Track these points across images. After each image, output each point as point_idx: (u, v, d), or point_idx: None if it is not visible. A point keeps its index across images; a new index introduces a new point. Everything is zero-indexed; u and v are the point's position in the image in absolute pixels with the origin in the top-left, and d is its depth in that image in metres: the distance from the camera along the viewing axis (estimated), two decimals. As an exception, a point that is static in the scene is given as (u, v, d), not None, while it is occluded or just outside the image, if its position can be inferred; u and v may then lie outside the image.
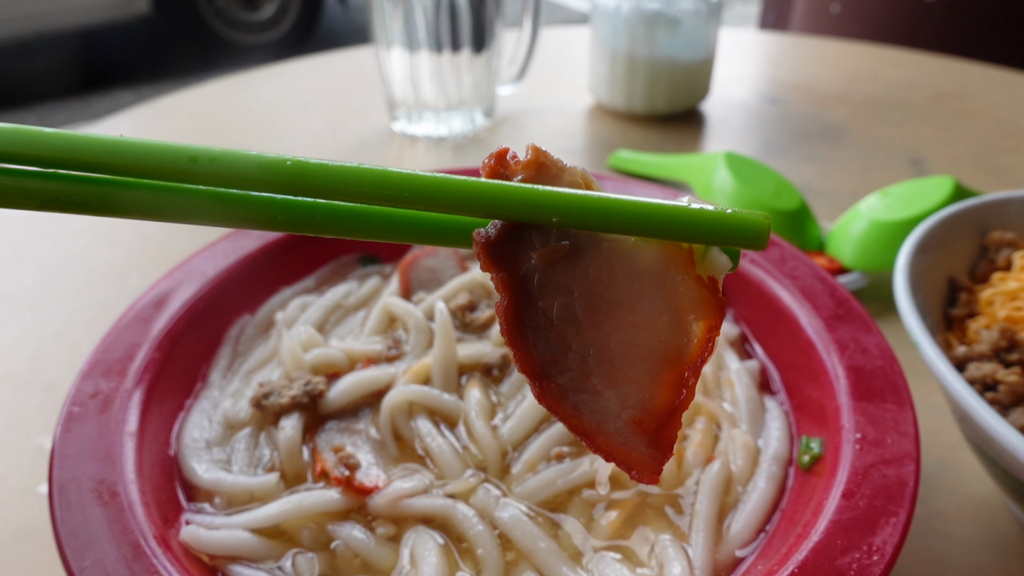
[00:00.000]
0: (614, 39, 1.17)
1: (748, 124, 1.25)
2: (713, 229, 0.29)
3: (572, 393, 0.35)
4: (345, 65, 1.54)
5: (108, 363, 0.50)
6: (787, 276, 0.59)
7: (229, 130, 1.24)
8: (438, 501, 0.46)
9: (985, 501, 0.57)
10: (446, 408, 0.52)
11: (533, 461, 0.49)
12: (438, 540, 0.45)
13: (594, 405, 0.35)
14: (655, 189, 0.71)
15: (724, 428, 0.52)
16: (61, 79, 4.28)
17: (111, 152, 0.28)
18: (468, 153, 1.14)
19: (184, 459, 0.49)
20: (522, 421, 0.51)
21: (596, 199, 0.29)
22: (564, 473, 0.48)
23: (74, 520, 0.40)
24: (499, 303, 0.32)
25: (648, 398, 0.34)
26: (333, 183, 0.29)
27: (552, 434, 0.50)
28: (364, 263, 0.69)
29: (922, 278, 0.59)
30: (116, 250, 0.90)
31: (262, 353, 0.58)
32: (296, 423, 0.50)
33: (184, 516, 0.46)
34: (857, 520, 0.40)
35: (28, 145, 0.28)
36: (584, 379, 0.35)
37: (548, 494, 0.47)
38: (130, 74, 4.43)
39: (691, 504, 0.47)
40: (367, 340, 0.58)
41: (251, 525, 0.45)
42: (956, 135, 1.19)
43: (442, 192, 0.29)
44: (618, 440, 0.35)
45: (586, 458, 0.49)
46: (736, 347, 0.59)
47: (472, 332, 0.59)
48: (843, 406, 0.48)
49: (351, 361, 0.56)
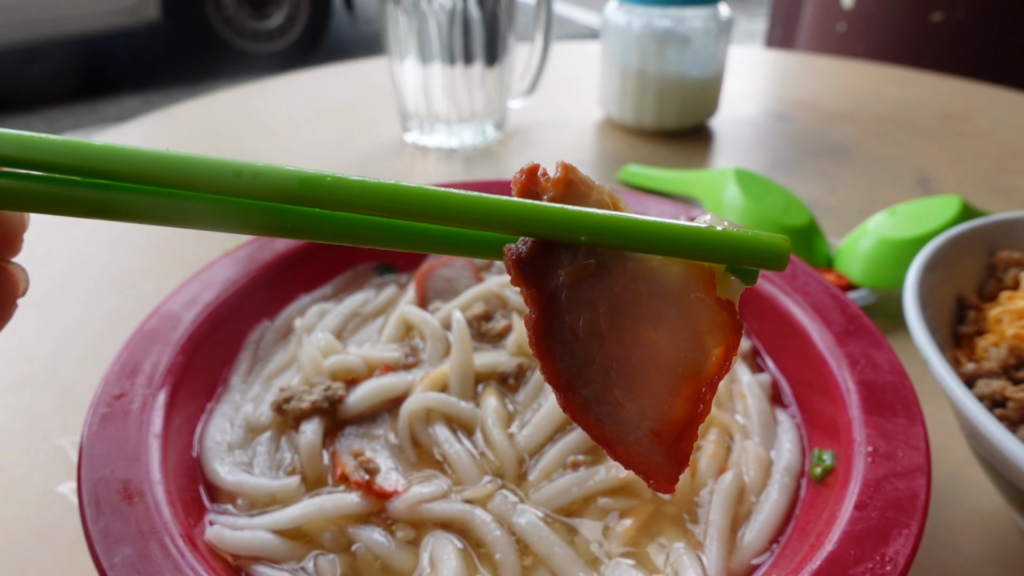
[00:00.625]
0: (624, 56, 1.19)
1: (756, 141, 1.27)
2: (735, 250, 0.31)
3: (595, 404, 0.36)
4: (356, 76, 1.55)
5: (133, 365, 0.51)
6: (798, 292, 0.60)
7: (240, 139, 1.26)
8: (456, 506, 0.47)
9: (993, 516, 0.58)
10: (463, 415, 0.53)
11: (549, 469, 0.50)
12: (457, 544, 0.46)
13: (616, 416, 0.36)
14: (667, 205, 0.72)
15: (737, 439, 0.53)
16: (69, 84, 4.32)
17: (160, 165, 0.30)
18: (479, 165, 1.15)
19: (207, 461, 0.50)
20: (538, 429, 0.51)
21: (623, 220, 0.31)
22: (580, 481, 0.49)
23: (104, 518, 0.41)
24: (528, 316, 0.33)
25: (667, 411, 0.35)
26: (371, 199, 0.30)
27: (568, 442, 0.51)
28: (381, 272, 0.70)
29: (931, 295, 0.60)
30: (130, 256, 0.91)
31: (282, 359, 0.59)
32: (316, 427, 0.51)
33: (208, 516, 0.47)
34: (869, 531, 0.41)
35: (79, 157, 0.29)
36: (607, 391, 0.36)
37: (564, 501, 0.48)
38: (138, 80, 4.46)
39: (705, 513, 0.48)
40: (385, 347, 0.59)
41: (274, 527, 0.45)
42: (962, 155, 1.20)
43: (476, 210, 0.30)
44: (638, 450, 0.36)
45: (601, 466, 0.49)
46: (748, 360, 0.60)
47: (487, 341, 0.60)
48: (854, 419, 0.49)
49: (369, 368, 0.57)
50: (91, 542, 0.40)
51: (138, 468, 0.44)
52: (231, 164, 0.30)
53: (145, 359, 0.52)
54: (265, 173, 0.30)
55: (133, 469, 0.44)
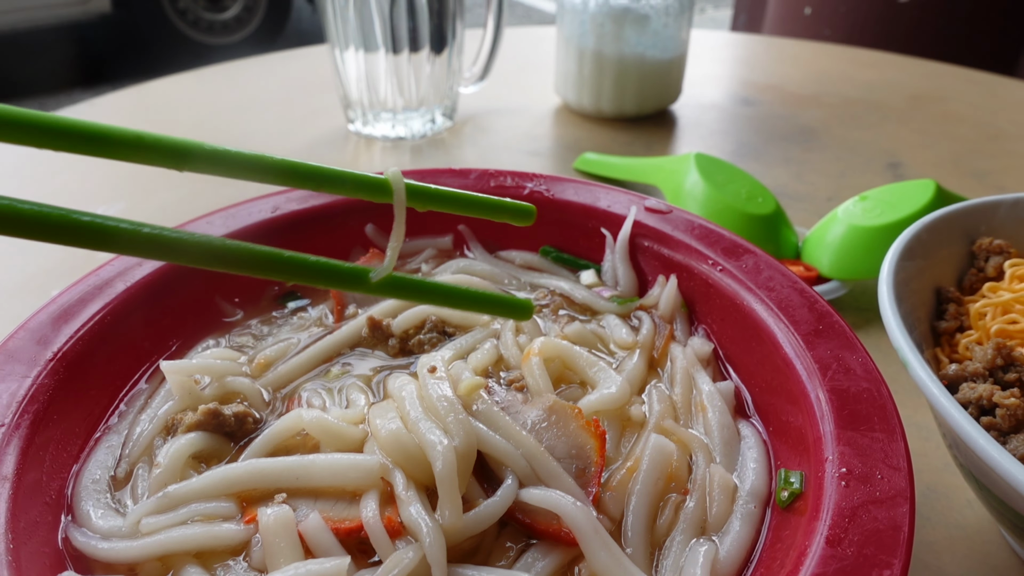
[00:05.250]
0: (581, 36, 1.12)
1: (720, 126, 1.21)
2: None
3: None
4: (302, 63, 1.47)
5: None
6: (762, 287, 0.54)
7: (177, 129, 1.16)
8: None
9: (979, 532, 0.53)
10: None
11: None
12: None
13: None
14: (620, 194, 0.66)
15: (698, 459, 0.46)
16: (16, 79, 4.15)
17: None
18: (427, 155, 1.08)
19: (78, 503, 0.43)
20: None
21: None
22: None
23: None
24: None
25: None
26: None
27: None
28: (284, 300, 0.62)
29: (907, 287, 0.54)
30: (37, 259, 0.83)
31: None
32: (194, 439, 0.44)
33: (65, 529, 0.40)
34: (845, 572, 0.35)
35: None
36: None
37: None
38: (89, 76, 4.30)
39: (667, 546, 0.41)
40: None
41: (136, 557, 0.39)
42: (934, 138, 1.15)
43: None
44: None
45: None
46: (710, 366, 0.54)
47: (412, 354, 0.53)
48: (825, 434, 0.42)
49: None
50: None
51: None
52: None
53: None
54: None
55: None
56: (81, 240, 0.29)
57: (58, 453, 0.44)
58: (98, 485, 0.44)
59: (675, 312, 0.58)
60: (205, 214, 0.62)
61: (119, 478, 0.45)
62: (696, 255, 0.59)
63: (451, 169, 0.69)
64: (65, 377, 0.47)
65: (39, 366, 0.46)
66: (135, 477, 0.45)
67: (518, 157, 1.07)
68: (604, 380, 0.50)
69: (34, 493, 0.41)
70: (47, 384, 0.45)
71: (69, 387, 0.47)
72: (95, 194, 0.96)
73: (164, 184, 0.98)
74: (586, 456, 0.42)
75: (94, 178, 1.00)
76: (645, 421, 0.48)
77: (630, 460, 0.44)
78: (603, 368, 0.51)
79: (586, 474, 0.42)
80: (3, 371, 0.45)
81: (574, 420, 0.44)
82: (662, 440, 0.45)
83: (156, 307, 0.54)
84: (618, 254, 0.62)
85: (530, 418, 0.44)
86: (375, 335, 0.53)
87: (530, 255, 0.66)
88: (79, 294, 0.52)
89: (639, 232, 0.62)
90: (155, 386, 0.51)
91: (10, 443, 0.41)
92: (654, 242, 0.62)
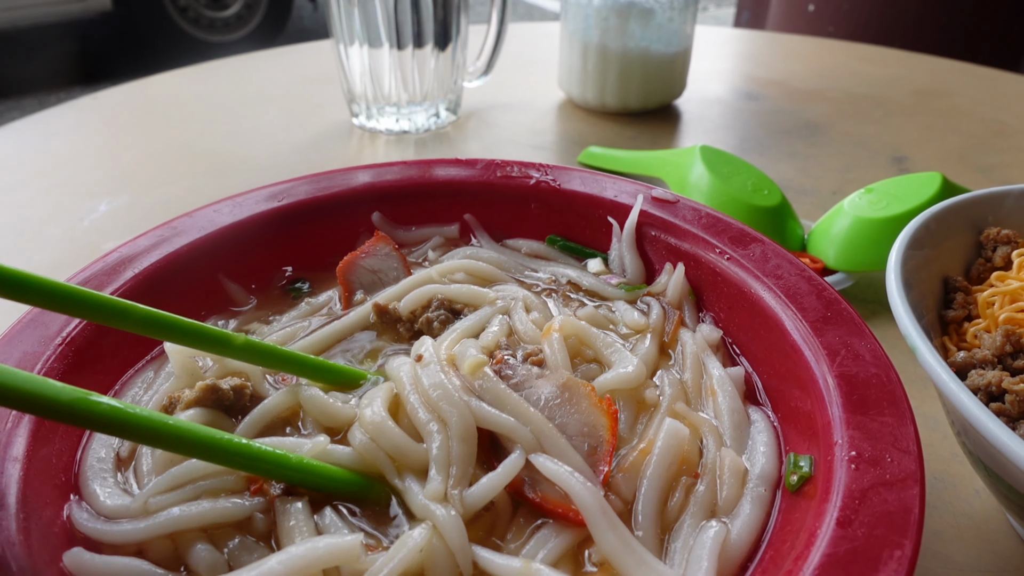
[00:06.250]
0: (585, 31, 1.12)
1: (724, 121, 1.21)
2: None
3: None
4: (306, 58, 1.47)
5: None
6: (769, 275, 0.54)
7: (181, 125, 1.17)
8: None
9: (986, 520, 0.52)
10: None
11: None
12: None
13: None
14: (627, 183, 0.66)
15: (708, 442, 0.46)
16: (16, 77, 4.14)
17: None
18: (431, 149, 1.08)
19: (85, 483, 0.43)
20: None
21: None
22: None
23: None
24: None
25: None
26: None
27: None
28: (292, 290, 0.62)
29: (915, 276, 0.54)
30: (44, 251, 0.83)
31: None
32: (195, 415, 0.45)
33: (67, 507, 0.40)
34: (856, 554, 0.35)
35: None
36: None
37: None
38: (89, 73, 4.29)
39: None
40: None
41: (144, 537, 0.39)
42: (939, 133, 1.15)
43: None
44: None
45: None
46: (720, 351, 0.54)
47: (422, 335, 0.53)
48: (835, 419, 0.42)
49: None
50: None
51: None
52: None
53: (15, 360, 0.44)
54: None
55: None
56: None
57: (67, 434, 0.44)
58: (103, 464, 0.44)
59: (683, 299, 0.58)
60: (212, 202, 0.62)
61: (123, 457, 0.45)
62: (703, 244, 0.59)
63: (458, 159, 0.69)
64: (74, 361, 0.47)
65: (49, 350, 0.46)
66: (138, 456, 0.45)
67: (522, 151, 1.07)
68: (620, 360, 0.50)
69: (44, 473, 0.41)
70: (56, 368, 0.45)
71: (77, 371, 0.47)
72: (99, 188, 0.96)
73: (166, 178, 0.98)
74: (598, 435, 0.42)
75: (98, 172, 1.00)
76: (658, 403, 0.49)
77: (643, 442, 0.44)
78: (619, 349, 0.51)
79: (597, 453, 0.42)
80: (12, 356, 0.45)
81: (587, 398, 0.44)
82: (676, 424, 0.45)
83: (164, 294, 0.54)
84: (625, 243, 0.62)
85: (544, 394, 0.44)
86: (383, 320, 0.54)
87: (537, 244, 0.66)
88: (86, 281, 0.52)
89: (646, 221, 0.62)
90: (158, 369, 0.51)
91: (20, 424, 0.41)
92: (661, 231, 0.62)
